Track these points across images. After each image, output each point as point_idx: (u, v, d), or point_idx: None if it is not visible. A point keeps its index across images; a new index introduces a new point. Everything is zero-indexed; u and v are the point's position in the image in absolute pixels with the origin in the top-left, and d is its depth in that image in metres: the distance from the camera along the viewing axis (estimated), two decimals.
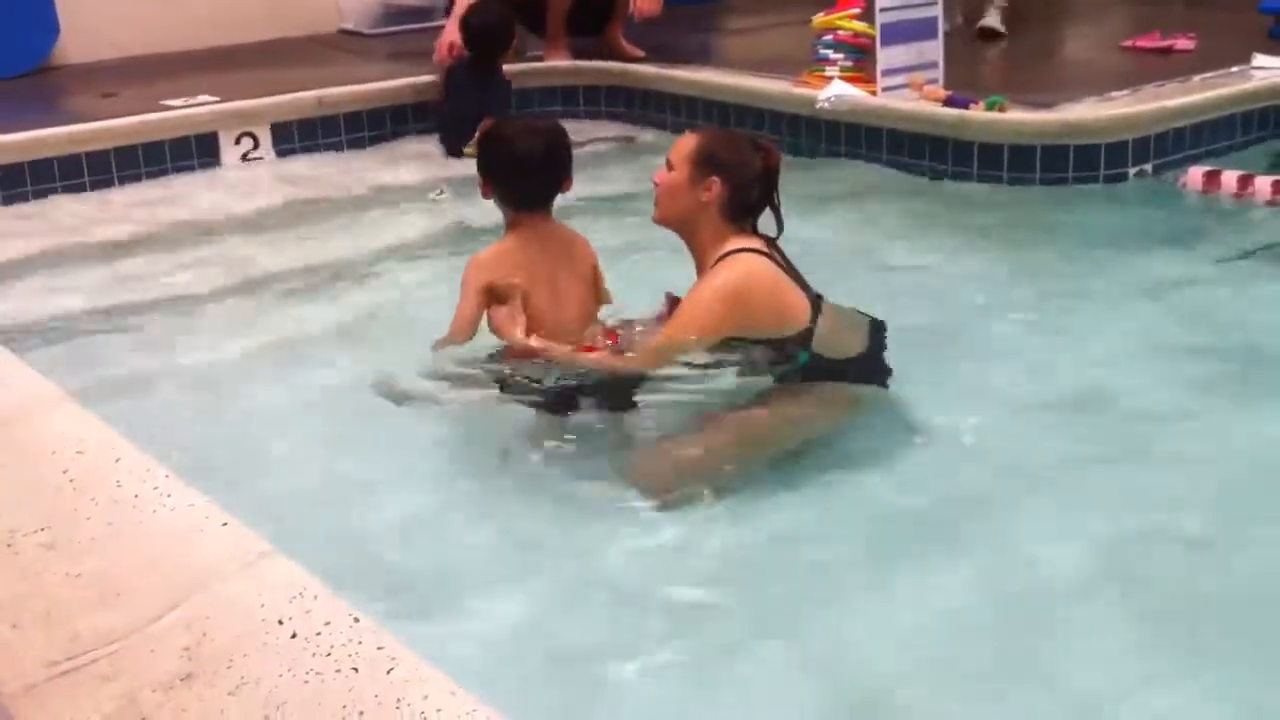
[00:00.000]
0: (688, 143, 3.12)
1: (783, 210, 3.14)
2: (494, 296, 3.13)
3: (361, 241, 4.77)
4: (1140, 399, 3.27)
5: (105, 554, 2.12)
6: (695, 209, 3.07)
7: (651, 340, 3.16)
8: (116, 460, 2.38)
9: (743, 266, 3.00)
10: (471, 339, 3.17)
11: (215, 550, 2.09)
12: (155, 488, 2.27)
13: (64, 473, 2.38)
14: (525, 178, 3.20)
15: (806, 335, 3.02)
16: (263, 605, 1.90)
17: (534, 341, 3.09)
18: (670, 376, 3.12)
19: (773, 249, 3.09)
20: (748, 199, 3.08)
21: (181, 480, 2.29)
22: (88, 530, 2.19)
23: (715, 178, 3.04)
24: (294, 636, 1.83)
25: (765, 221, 3.15)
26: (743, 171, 3.06)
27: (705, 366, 3.10)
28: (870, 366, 3.13)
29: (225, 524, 2.14)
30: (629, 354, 3.14)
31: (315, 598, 1.91)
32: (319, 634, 1.83)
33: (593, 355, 3.11)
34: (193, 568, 2.05)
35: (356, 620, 1.85)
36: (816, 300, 3.08)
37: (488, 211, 4.95)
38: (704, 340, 3.03)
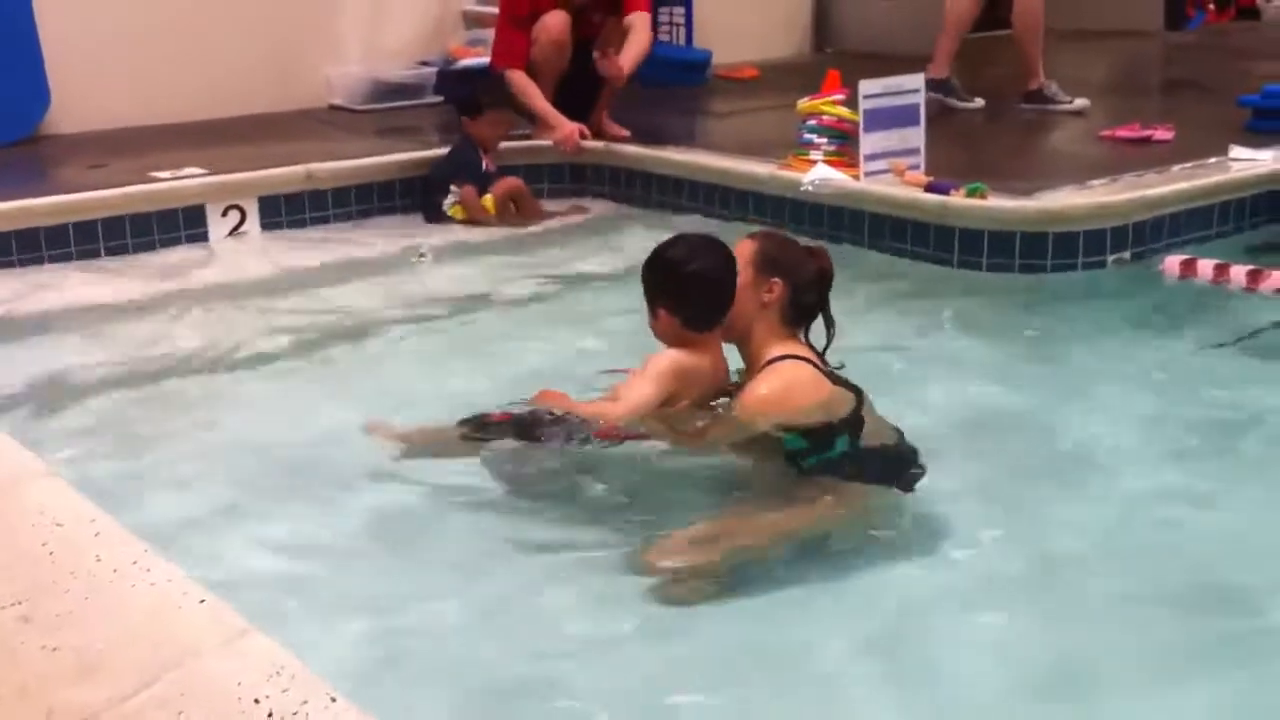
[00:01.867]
0: (747, 247, 3.18)
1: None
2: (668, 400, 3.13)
3: (346, 310, 4.81)
4: (1132, 484, 3.29)
5: (82, 628, 2.10)
6: (755, 311, 3.12)
7: (697, 424, 3.18)
8: (95, 534, 2.36)
9: (784, 376, 3.05)
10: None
11: (193, 626, 2.08)
12: (134, 562, 2.26)
13: (42, 545, 2.36)
14: (714, 299, 3.14)
15: (851, 423, 3.04)
16: (239, 684, 1.89)
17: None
18: (705, 453, 3.19)
19: (815, 356, 3.14)
20: (804, 302, 3.15)
21: (161, 554, 2.28)
22: (65, 604, 2.17)
23: (776, 279, 3.11)
24: (270, 715, 1.82)
25: None
26: (800, 274, 3.13)
27: (740, 447, 3.16)
28: (902, 468, 3.13)
29: (203, 600, 2.13)
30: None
31: (293, 676, 1.90)
32: (295, 713, 1.82)
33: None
34: (170, 644, 2.03)
35: (334, 700, 1.84)
36: (859, 398, 3.12)
37: (473, 276, 5.05)
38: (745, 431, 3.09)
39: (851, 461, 3.05)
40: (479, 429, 3.30)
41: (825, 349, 3.20)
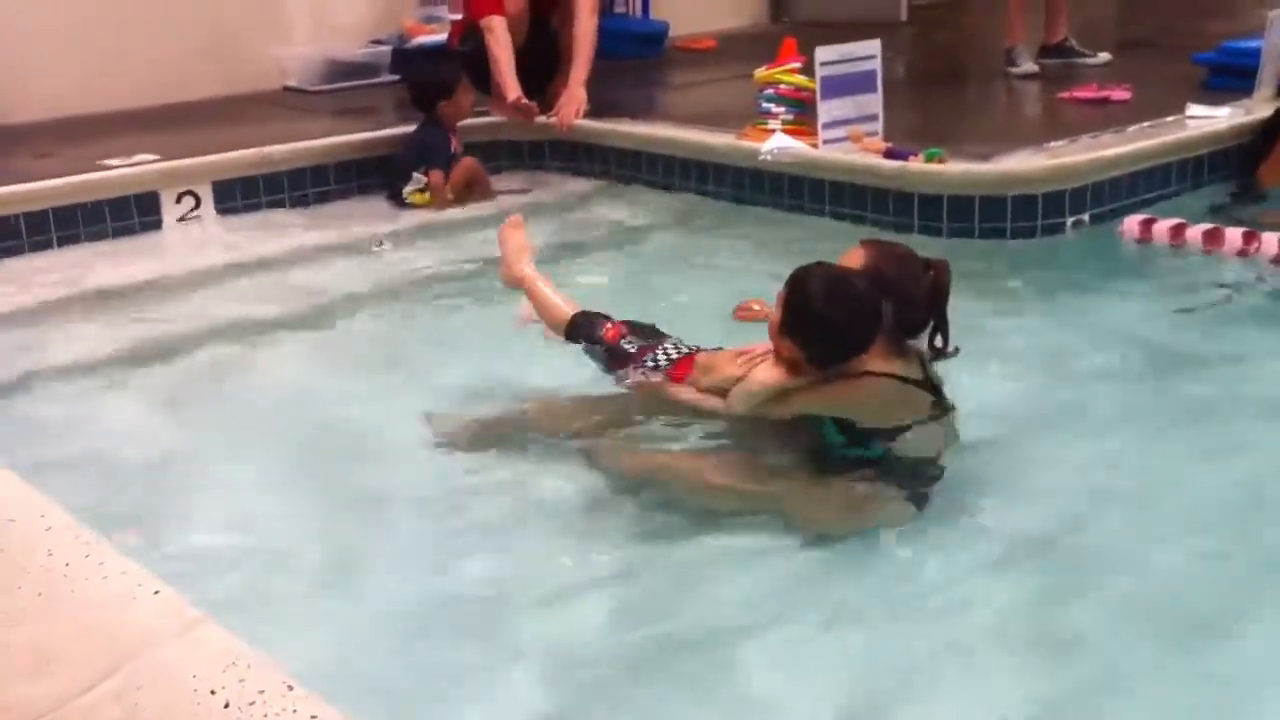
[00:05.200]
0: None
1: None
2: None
3: (303, 295, 4.76)
4: (1099, 453, 3.30)
5: (36, 624, 2.08)
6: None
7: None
8: (47, 529, 2.34)
9: (861, 391, 2.88)
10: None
11: (148, 618, 2.06)
12: (87, 556, 2.24)
13: None
14: (849, 354, 2.88)
15: (896, 431, 2.90)
16: (195, 675, 1.87)
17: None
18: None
19: (912, 367, 2.94)
20: (912, 318, 2.90)
21: (113, 547, 2.26)
22: (18, 600, 2.15)
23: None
24: (227, 706, 1.80)
25: None
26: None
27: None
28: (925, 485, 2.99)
29: (157, 591, 2.11)
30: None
31: (249, 666, 1.88)
32: (252, 703, 1.80)
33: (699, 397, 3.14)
34: (125, 637, 2.01)
35: (290, 688, 1.82)
36: (936, 414, 2.94)
37: (431, 261, 5.00)
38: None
39: (884, 465, 2.93)
40: (583, 332, 3.37)
41: (933, 358, 2.98)
